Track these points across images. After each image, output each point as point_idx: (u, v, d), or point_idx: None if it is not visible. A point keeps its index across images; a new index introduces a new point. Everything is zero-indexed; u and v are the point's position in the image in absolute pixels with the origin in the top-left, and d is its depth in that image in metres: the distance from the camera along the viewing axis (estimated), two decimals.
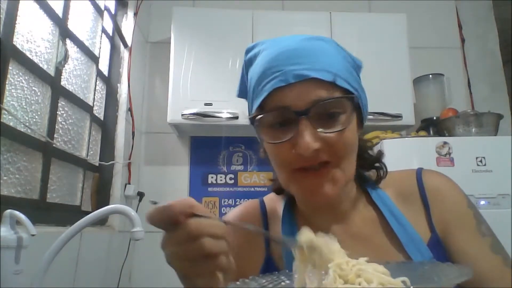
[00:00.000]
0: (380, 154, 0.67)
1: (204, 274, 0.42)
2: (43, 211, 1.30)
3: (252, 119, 0.56)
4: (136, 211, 1.13)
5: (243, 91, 0.68)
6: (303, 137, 0.51)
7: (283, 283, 0.45)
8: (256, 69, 0.58)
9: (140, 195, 2.05)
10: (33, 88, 1.27)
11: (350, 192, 0.64)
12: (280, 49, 0.56)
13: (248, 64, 0.64)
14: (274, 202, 0.70)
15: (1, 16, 1.08)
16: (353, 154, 0.58)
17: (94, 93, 1.74)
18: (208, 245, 0.40)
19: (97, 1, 1.80)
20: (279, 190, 0.71)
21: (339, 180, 0.55)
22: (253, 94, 0.58)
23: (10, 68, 1.12)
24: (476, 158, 1.65)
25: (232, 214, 0.71)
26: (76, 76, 1.59)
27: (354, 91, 0.56)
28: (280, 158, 0.56)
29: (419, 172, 0.65)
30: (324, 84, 0.53)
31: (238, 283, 0.42)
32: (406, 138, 1.81)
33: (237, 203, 2.21)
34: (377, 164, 0.66)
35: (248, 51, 0.64)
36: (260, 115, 0.55)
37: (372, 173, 0.67)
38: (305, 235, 0.43)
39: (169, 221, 0.42)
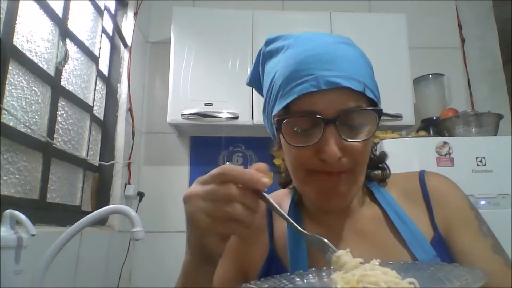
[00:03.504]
0: (384, 155, 0.68)
1: (216, 234, 0.44)
2: (43, 211, 1.30)
3: (279, 121, 0.55)
4: (136, 211, 1.13)
5: (254, 80, 0.68)
6: (330, 146, 0.52)
7: None
8: (281, 66, 0.57)
9: (140, 195, 2.05)
10: (33, 88, 1.27)
11: (357, 192, 0.64)
12: (309, 51, 0.55)
13: (267, 56, 0.63)
14: (280, 199, 0.71)
15: (1, 16, 1.08)
16: (367, 163, 0.59)
17: (94, 93, 1.74)
18: (234, 210, 0.42)
19: (97, 1, 1.80)
20: (285, 184, 0.72)
21: (353, 187, 0.57)
22: (279, 93, 0.57)
23: (10, 68, 1.12)
24: (476, 158, 1.65)
25: None
26: (76, 76, 1.59)
27: (378, 101, 0.57)
28: (301, 161, 0.56)
29: (421, 174, 0.67)
30: (354, 94, 0.53)
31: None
32: (406, 138, 1.81)
33: None
34: (381, 165, 0.68)
35: (268, 42, 0.64)
36: (287, 116, 0.55)
37: (376, 174, 0.68)
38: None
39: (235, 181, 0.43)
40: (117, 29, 2.02)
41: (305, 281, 0.46)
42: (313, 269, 0.48)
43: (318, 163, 0.54)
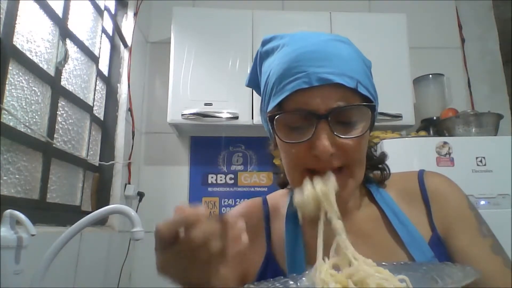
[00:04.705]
0: (384, 155, 0.68)
1: (204, 275, 0.43)
2: (43, 211, 1.30)
3: (271, 117, 0.56)
4: (136, 211, 1.13)
5: (253, 80, 0.68)
6: (321, 140, 0.52)
7: None
8: (276, 65, 0.57)
9: (140, 195, 2.05)
10: (33, 88, 1.27)
11: (356, 192, 0.64)
12: (303, 48, 0.55)
13: (263, 56, 0.63)
14: (277, 200, 0.71)
15: (1, 16, 1.08)
16: (364, 159, 0.59)
17: (94, 93, 1.74)
18: (210, 249, 0.41)
19: (97, 1, 1.80)
20: (283, 184, 0.72)
21: (350, 186, 0.56)
22: (272, 91, 0.57)
23: (10, 68, 1.12)
24: (476, 158, 1.65)
25: (234, 211, 0.72)
26: (76, 76, 1.59)
27: (373, 98, 0.57)
28: (295, 158, 0.56)
29: (421, 174, 0.66)
30: (347, 90, 0.53)
31: None
32: (406, 138, 1.81)
33: (237, 203, 2.21)
34: (380, 165, 0.67)
35: (264, 43, 0.64)
36: (280, 114, 0.55)
37: (375, 174, 0.68)
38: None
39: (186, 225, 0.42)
40: (117, 29, 2.02)
41: (298, 284, 0.45)
42: (307, 272, 0.47)
43: (311, 160, 0.54)
